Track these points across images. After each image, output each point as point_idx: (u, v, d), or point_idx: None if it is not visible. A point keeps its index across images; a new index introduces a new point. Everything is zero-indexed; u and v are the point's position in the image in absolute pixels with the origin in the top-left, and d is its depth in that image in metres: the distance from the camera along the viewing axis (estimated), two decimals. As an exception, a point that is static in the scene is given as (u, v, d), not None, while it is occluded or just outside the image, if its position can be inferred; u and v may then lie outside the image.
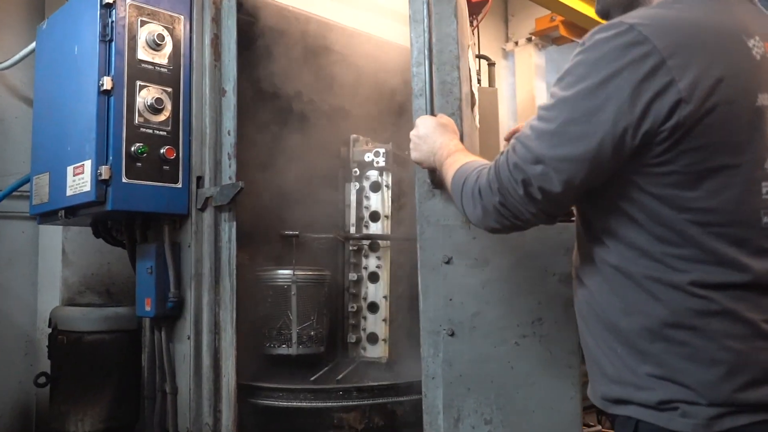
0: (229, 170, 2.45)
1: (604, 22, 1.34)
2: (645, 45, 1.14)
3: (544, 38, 5.47)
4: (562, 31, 5.20)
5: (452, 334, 1.94)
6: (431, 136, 1.72)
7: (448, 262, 1.96)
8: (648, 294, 1.22)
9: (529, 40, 5.47)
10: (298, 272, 2.68)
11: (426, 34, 1.94)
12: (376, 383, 2.53)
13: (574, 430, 1.95)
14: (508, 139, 1.90)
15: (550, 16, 5.15)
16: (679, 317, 1.19)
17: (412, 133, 1.79)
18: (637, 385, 1.23)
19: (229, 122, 2.46)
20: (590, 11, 4.67)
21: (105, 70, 2.28)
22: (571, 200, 1.29)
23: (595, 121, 1.16)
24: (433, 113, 1.90)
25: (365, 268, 2.88)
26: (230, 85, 2.47)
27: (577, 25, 5.07)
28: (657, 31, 1.16)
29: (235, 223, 2.40)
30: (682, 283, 1.18)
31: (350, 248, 2.88)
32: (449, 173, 1.54)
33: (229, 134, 2.46)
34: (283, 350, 2.68)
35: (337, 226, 2.96)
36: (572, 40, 5.37)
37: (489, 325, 1.94)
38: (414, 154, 1.79)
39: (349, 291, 2.87)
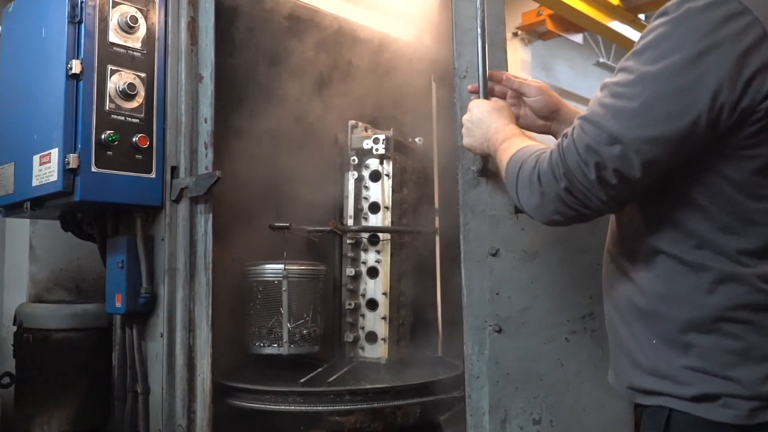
0: (205, 160, 2.33)
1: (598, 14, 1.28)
2: (746, 16, 1.07)
3: (531, 33, 5.41)
4: (550, 26, 5.14)
5: (499, 331, 1.86)
6: (486, 120, 1.63)
7: (494, 255, 1.89)
8: (702, 285, 1.16)
9: (515, 35, 5.40)
10: (289, 267, 2.56)
11: (479, 12, 1.82)
12: (371, 386, 2.42)
13: (625, 429, 1.90)
14: (472, 91, 1.82)
15: (537, 11, 5.09)
16: (736, 311, 1.14)
17: (465, 118, 1.70)
18: (673, 378, 1.18)
19: (206, 109, 2.35)
20: (581, 5, 4.60)
21: (74, 53, 2.16)
22: (646, 185, 1.18)
23: (689, 99, 1.08)
24: (486, 97, 1.79)
25: (364, 262, 2.75)
26: (207, 71, 2.36)
27: (566, 20, 5.01)
28: (756, 1, 1.08)
29: (211, 215, 2.29)
30: (748, 276, 1.13)
31: (348, 241, 2.75)
32: (504, 159, 1.44)
33: (206, 122, 2.35)
34: (273, 350, 2.56)
35: (334, 218, 2.83)
36: (559, 35, 5.31)
37: (538, 321, 1.87)
38: (466, 140, 1.70)
39: (347, 287, 2.74)
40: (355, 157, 2.77)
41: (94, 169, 2.14)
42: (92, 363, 2.51)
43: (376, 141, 2.72)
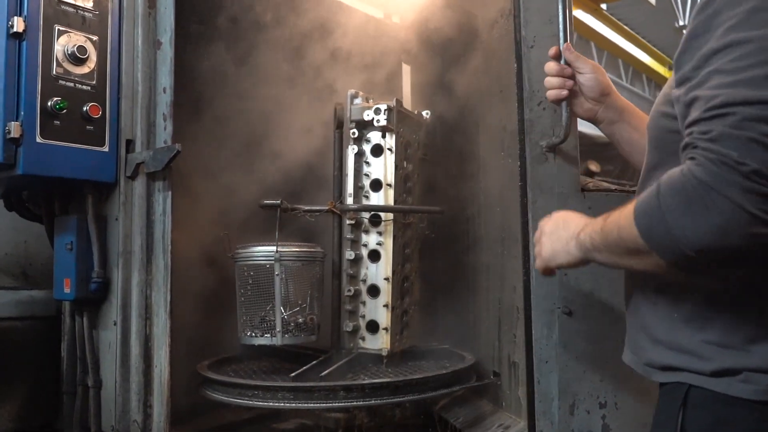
0: (164, 133, 2.14)
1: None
2: None
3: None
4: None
5: (569, 313, 1.85)
6: (568, 221, 1.42)
7: None
8: None
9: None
10: (283, 249, 2.37)
11: None
12: (367, 381, 2.23)
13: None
14: (554, 56, 1.71)
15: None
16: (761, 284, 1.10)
17: (543, 232, 1.48)
18: (693, 353, 1.15)
19: (165, 78, 2.16)
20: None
21: (16, 9, 1.94)
22: None
23: None
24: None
25: (365, 245, 2.55)
26: (167, 37, 2.17)
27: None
28: None
29: (170, 193, 2.10)
30: None
31: (348, 222, 2.55)
32: (607, 231, 1.19)
33: (164, 92, 2.16)
34: (266, 340, 2.38)
35: (333, 196, 2.63)
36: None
37: (604, 303, 1.88)
38: (546, 252, 1.44)
39: (346, 272, 2.55)
40: (355, 130, 2.56)
41: (39, 139, 1.94)
42: (39, 354, 2.30)
43: (377, 111, 2.51)
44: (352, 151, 2.58)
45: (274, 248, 2.36)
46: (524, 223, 1.90)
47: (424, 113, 2.82)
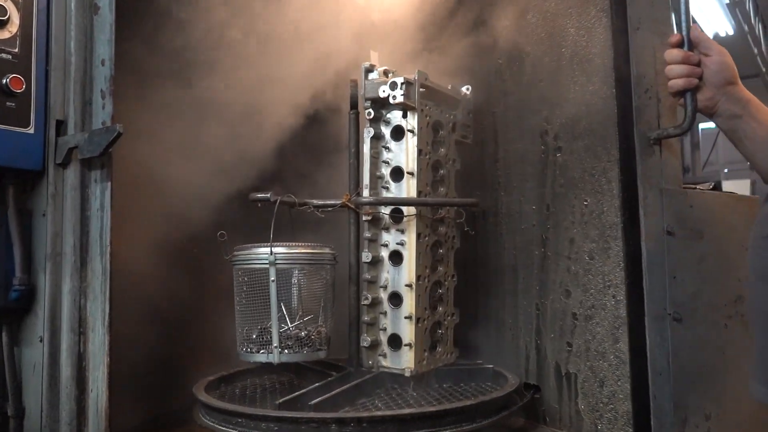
0: (102, 113, 1.82)
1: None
2: None
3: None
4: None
5: (680, 319, 1.76)
6: None
7: (671, 233, 1.81)
8: None
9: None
10: (279, 250, 2.08)
11: None
12: (365, 414, 1.87)
13: (780, 416, 1.92)
14: (675, 44, 1.62)
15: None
16: None
17: None
18: None
19: (104, 48, 1.84)
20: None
21: None
22: None
23: None
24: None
25: (385, 245, 2.23)
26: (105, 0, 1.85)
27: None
28: None
29: (110, 183, 1.79)
30: None
31: (364, 218, 2.23)
32: None
33: (103, 64, 1.84)
34: (263, 357, 2.09)
35: (349, 188, 2.32)
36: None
37: (705, 306, 1.82)
38: None
39: (364, 276, 2.23)
40: (370, 110, 2.24)
41: (-55, 116, 1.60)
42: (-52, 376, 1.94)
43: (393, 86, 2.18)
44: (368, 134, 2.27)
45: (268, 250, 2.08)
46: (627, 222, 1.83)
47: (463, 89, 2.51)
